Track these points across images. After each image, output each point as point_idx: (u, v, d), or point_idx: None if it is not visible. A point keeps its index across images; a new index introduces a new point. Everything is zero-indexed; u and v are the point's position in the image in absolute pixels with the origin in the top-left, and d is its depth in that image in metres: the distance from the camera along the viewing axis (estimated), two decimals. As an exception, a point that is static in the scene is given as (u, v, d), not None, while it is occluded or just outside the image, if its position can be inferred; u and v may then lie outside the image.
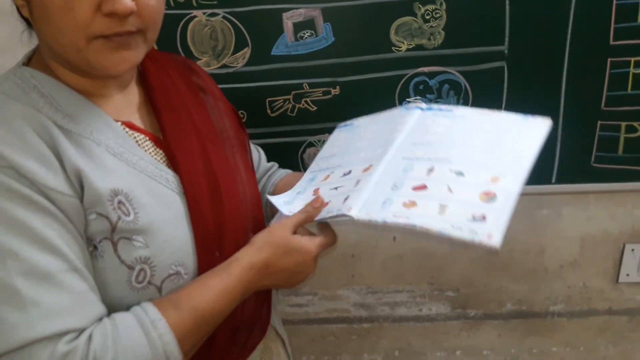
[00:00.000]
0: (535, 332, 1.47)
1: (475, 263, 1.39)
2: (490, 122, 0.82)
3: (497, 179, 0.73)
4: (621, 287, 1.41)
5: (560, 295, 1.42)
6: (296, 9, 1.10)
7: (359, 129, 0.96)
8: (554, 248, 1.37)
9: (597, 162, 1.21)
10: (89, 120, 0.66)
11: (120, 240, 0.63)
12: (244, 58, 1.13)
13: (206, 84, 0.87)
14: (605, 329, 1.45)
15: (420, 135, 0.85)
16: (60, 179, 0.59)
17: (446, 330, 1.47)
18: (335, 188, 0.84)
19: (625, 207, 1.32)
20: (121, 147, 0.67)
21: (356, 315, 1.46)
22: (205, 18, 1.10)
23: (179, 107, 0.78)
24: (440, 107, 0.87)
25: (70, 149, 0.61)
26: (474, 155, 0.78)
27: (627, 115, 1.16)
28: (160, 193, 0.69)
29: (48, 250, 0.57)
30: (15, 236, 0.56)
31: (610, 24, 1.10)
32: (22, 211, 0.56)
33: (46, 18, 0.60)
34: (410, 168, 0.80)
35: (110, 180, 0.63)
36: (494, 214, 0.69)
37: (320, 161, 0.95)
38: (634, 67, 1.13)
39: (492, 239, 0.67)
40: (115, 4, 0.59)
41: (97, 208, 0.62)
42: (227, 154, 0.80)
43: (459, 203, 0.72)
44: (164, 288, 0.67)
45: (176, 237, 0.68)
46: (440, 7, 1.10)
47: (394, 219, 0.74)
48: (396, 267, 1.40)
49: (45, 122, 0.61)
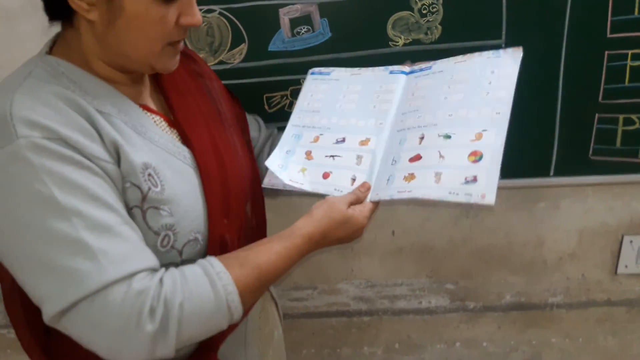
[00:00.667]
0: (534, 324, 1.47)
1: (474, 255, 1.40)
2: (466, 70, 0.86)
3: (481, 135, 0.79)
4: (620, 279, 1.41)
5: (559, 287, 1.43)
6: (292, 5, 1.10)
7: (339, 83, 0.97)
8: (553, 240, 1.37)
9: (595, 155, 1.21)
10: (115, 103, 0.72)
11: (149, 209, 0.71)
12: (240, 54, 1.13)
13: (202, 69, 0.94)
14: (604, 320, 1.46)
15: (407, 103, 0.89)
16: (101, 149, 0.67)
17: (446, 322, 1.48)
18: (332, 157, 0.90)
19: (623, 199, 1.32)
20: (144, 127, 0.75)
21: (356, 308, 1.47)
22: (201, 15, 1.10)
23: (185, 91, 0.86)
24: (421, 67, 0.91)
25: (106, 124, 0.68)
26: (456, 112, 0.83)
27: (624, 108, 1.16)
28: (179, 168, 0.76)
29: (104, 207, 0.64)
30: (76, 196, 0.62)
31: (607, 17, 1.09)
32: (77, 174, 0.63)
33: (132, 27, 0.68)
34: (404, 140, 0.86)
35: (141, 155, 0.71)
36: (484, 173, 0.76)
37: (302, 114, 0.96)
38: (632, 59, 1.12)
39: (486, 198, 0.74)
40: (195, 17, 0.71)
41: (131, 178, 0.69)
42: (226, 133, 0.88)
43: (451, 168, 0.79)
44: (184, 252, 0.75)
45: (194, 207, 0.76)
46: (437, 2, 1.10)
47: (398, 194, 0.82)
48: (395, 260, 1.41)
49: (79, 101, 0.68)
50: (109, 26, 0.68)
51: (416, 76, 0.91)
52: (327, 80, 0.98)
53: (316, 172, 0.91)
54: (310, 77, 1.02)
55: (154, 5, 0.67)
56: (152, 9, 0.67)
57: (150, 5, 0.67)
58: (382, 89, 0.93)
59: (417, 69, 0.92)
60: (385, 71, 0.94)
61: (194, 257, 0.75)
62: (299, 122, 0.96)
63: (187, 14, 0.71)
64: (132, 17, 0.67)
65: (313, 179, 0.91)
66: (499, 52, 0.84)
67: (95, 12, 0.67)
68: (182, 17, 0.70)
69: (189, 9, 0.71)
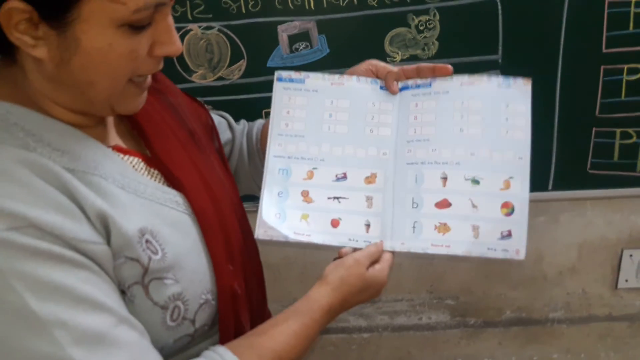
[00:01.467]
0: (535, 340, 1.46)
1: (474, 271, 1.39)
2: (477, 98, 0.80)
3: (509, 184, 0.76)
4: (620, 293, 1.40)
5: (560, 302, 1.42)
6: (291, 22, 1.11)
7: (319, 96, 0.83)
8: (552, 255, 1.37)
9: (593, 169, 1.21)
10: (87, 153, 0.58)
11: (151, 282, 0.58)
12: (239, 70, 1.14)
13: (161, 84, 0.77)
14: (606, 335, 1.45)
15: (411, 129, 0.81)
16: (85, 228, 0.53)
17: (446, 338, 1.47)
18: (336, 199, 0.80)
19: (622, 213, 1.32)
20: (125, 177, 0.61)
21: (355, 324, 1.46)
22: (200, 31, 1.11)
23: (156, 117, 0.71)
24: (417, 83, 0.82)
25: (85, 191, 0.54)
26: (478, 151, 0.78)
27: (621, 122, 1.17)
28: (175, 219, 0.64)
29: (93, 308, 0.51)
30: (57, 302, 0.49)
31: (602, 32, 1.11)
32: (57, 272, 0.50)
33: (92, 66, 0.54)
34: (420, 177, 0.79)
35: (134, 219, 0.58)
36: (516, 227, 0.75)
37: (283, 141, 0.82)
38: (627, 74, 1.13)
39: (520, 253, 0.74)
40: (174, 46, 0.57)
41: (126, 252, 0.56)
42: (204, 157, 0.75)
43: (486, 222, 0.76)
44: (197, 320, 0.63)
45: (199, 264, 0.65)
46: (434, 18, 1.11)
47: (434, 249, 0.76)
48: (395, 275, 1.40)
49: (46, 164, 0.53)
50: (61, 65, 0.53)
51: (413, 94, 0.82)
52: (302, 92, 0.83)
53: (322, 219, 0.79)
54: (279, 84, 0.84)
55: (121, 38, 0.53)
56: (117, 44, 0.53)
57: (115, 39, 0.53)
58: (377, 108, 0.83)
59: (412, 84, 0.82)
60: (374, 84, 0.84)
61: (207, 321, 0.65)
62: (282, 152, 0.81)
63: (163, 43, 0.57)
64: (91, 54, 0.53)
65: (320, 227, 0.79)
66: (509, 80, 0.79)
67: (43, 48, 0.52)
68: (156, 47, 0.57)
69: (165, 35, 0.56)
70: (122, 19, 0.51)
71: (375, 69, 0.84)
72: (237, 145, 0.92)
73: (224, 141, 0.91)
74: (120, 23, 0.52)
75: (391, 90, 0.82)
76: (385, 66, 0.84)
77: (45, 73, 0.55)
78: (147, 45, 0.56)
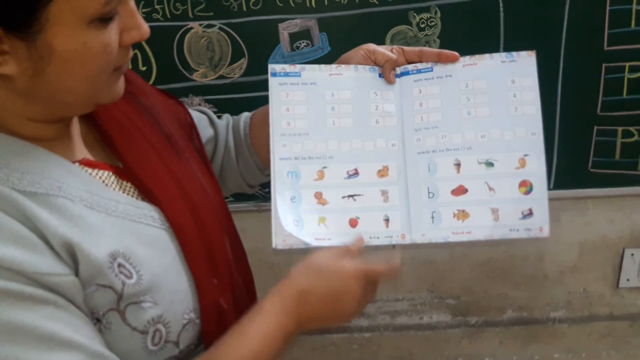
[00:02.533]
0: (536, 339, 1.46)
1: (475, 270, 1.39)
2: (481, 77, 0.78)
3: (524, 162, 0.76)
4: (622, 292, 1.40)
5: (561, 301, 1.42)
6: (292, 20, 1.10)
7: (318, 89, 0.80)
8: (554, 254, 1.36)
9: (594, 167, 1.21)
10: (50, 171, 0.53)
11: (127, 307, 0.55)
12: (240, 69, 1.14)
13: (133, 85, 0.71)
14: (607, 334, 1.45)
15: (417, 116, 0.79)
16: (49, 260, 0.49)
17: (447, 338, 1.47)
18: (351, 197, 0.78)
19: (624, 212, 1.32)
20: (94, 195, 0.56)
21: (356, 324, 1.45)
22: (201, 30, 1.11)
23: (125, 123, 0.66)
24: (418, 68, 0.80)
25: (48, 217, 0.50)
26: (489, 132, 0.77)
27: (623, 120, 1.17)
28: (151, 237, 0.59)
29: (59, 347, 0.48)
30: (19, 344, 0.46)
31: (604, 30, 1.11)
32: (15, 311, 0.46)
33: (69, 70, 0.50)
34: (433, 166, 0.78)
35: (103, 242, 0.53)
36: (537, 205, 0.75)
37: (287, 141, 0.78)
38: (629, 72, 1.13)
39: (544, 231, 0.74)
40: (142, 29, 0.54)
41: (98, 279, 0.52)
42: (183, 162, 0.70)
43: (505, 203, 0.75)
44: (181, 342, 0.60)
45: (180, 282, 0.60)
46: (435, 16, 1.11)
47: (455, 237, 0.76)
48: (396, 275, 1.39)
49: (2, 191, 0.49)
50: (35, 77, 0.49)
51: (415, 80, 0.80)
52: (300, 86, 0.80)
53: (340, 220, 0.77)
54: (274, 80, 0.80)
55: (93, 35, 0.49)
56: (91, 41, 0.49)
57: (89, 37, 0.49)
58: (378, 98, 0.80)
59: (413, 69, 0.80)
60: (373, 72, 0.81)
61: (193, 341, 0.62)
62: (288, 154, 0.78)
63: (131, 28, 0.54)
64: (68, 58, 0.49)
65: (339, 229, 0.76)
66: (512, 55, 0.78)
67: (12, 63, 0.48)
68: (125, 34, 0.53)
69: (131, 20, 0.54)
70: (93, 14, 0.48)
71: (374, 56, 0.80)
72: (221, 141, 0.87)
73: (206, 139, 0.86)
74: (91, 19, 0.48)
75: (388, 80, 0.80)
76: (384, 53, 0.80)
77: (16, 89, 0.51)
78: (117, 35, 0.52)
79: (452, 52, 0.78)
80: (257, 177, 0.90)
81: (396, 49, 0.81)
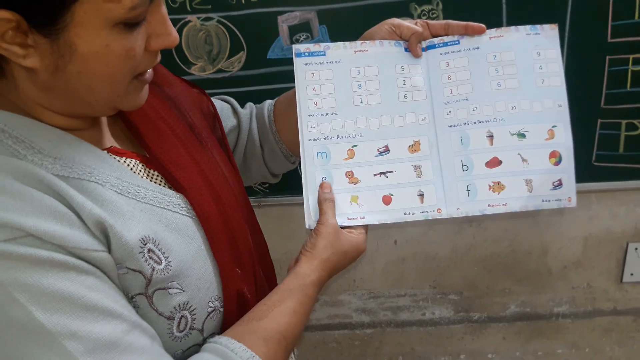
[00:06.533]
0: (539, 334, 1.45)
1: (478, 265, 1.38)
2: (508, 49, 0.79)
3: (553, 133, 0.78)
4: (625, 287, 1.39)
5: (565, 297, 1.41)
6: (291, 12, 1.09)
7: (344, 67, 0.80)
8: (557, 249, 1.35)
9: (598, 161, 1.20)
10: (82, 158, 0.55)
11: (155, 292, 0.56)
12: (239, 62, 1.13)
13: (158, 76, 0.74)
14: (611, 329, 1.44)
15: (447, 89, 0.79)
16: (85, 236, 0.51)
17: (450, 334, 1.46)
18: (383, 174, 0.78)
19: (628, 206, 1.31)
20: (123, 181, 0.58)
21: (358, 320, 1.44)
22: (199, 23, 1.09)
23: (152, 114, 0.68)
24: (444, 41, 0.80)
25: (82, 199, 0.52)
26: (519, 104, 0.78)
27: (627, 113, 1.15)
28: (178, 224, 0.61)
29: (104, 316, 0.50)
30: (65, 312, 0.47)
31: (607, 22, 1.09)
32: (61, 281, 0.48)
33: (89, 71, 0.51)
34: (466, 139, 0.78)
35: (134, 227, 0.55)
36: (566, 175, 0.77)
37: (315, 121, 0.79)
38: (633, 64, 1.12)
39: (572, 201, 0.77)
40: (171, 37, 0.55)
41: (128, 263, 0.54)
42: (206, 152, 0.72)
43: (538, 174, 0.77)
44: (205, 329, 0.62)
45: (206, 270, 0.62)
46: (437, 8, 1.09)
47: (491, 209, 0.77)
48: (398, 271, 1.39)
49: (38, 172, 0.51)
50: (56, 73, 0.51)
51: (442, 53, 0.79)
52: (325, 65, 0.80)
53: (372, 198, 0.77)
54: (299, 60, 0.80)
55: (116, 38, 0.50)
56: (114, 44, 0.50)
57: (112, 39, 0.50)
58: (406, 72, 0.79)
59: (439, 42, 0.79)
60: (399, 47, 0.80)
61: (216, 329, 0.64)
62: (316, 134, 0.78)
63: (159, 35, 0.54)
64: (89, 58, 0.50)
65: (372, 207, 0.77)
66: (536, 27, 0.79)
67: (35, 57, 0.49)
68: (153, 40, 0.54)
69: (161, 27, 0.54)
70: (118, 17, 0.49)
71: (399, 30, 0.80)
72: (244, 130, 0.88)
73: (229, 128, 0.87)
74: (115, 22, 0.49)
75: (414, 54, 0.80)
76: (409, 26, 0.80)
77: (39, 83, 0.52)
78: (143, 40, 0.53)
79: (478, 25, 0.79)
80: (282, 165, 0.91)
81: (421, 23, 0.81)
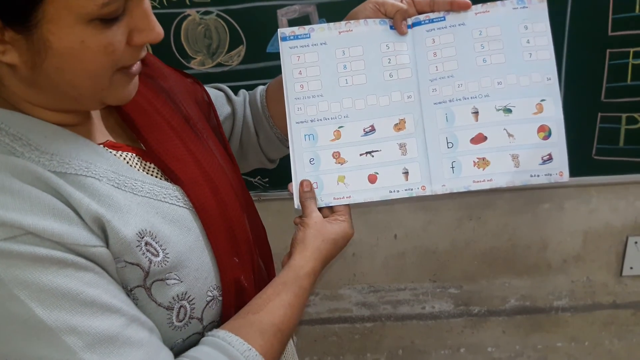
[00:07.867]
0: (539, 328, 1.45)
1: (478, 259, 1.38)
2: (494, 24, 0.79)
3: (542, 107, 0.77)
4: (625, 281, 1.39)
5: (564, 290, 1.41)
6: (291, 5, 1.09)
7: (329, 49, 0.80)
8: (557, 242, 1.36)
9: (598, 155, 1.19)
10: (77, 153, 0.56)
11: (153, 284, 0.57)
12: (239, 56, 1.12)
13: (151, 68, 0.74)
14: (610, 323, 1.44)
15: (432, 66, 0.79)
16: (83, 232, 0.52)
17: (450, 327, 1.46)
18: (369, 154, 0.79)
19: (628, 200, 1.31)
20: (120, 175, 0.58)
21: (358, 314, 1.45)
22: (198, 17, 1.09)
23: (147, 107, 0.68)
24: (430, 17, 0.80)
25: (79, 195, 0.52)
26: (505, 79, 0.78)
27: (627, 107, 1.15)
28: (175, 216, 0.62)
29: (102, 311, 0.51)
30: (65, 308, 0.48)
31: (608, 15, 1.09)
32: (61, 277, 0.49)
33: (66, 66, 0.51)
34: (451, 115, 0.78)
35: (132, 221, 0.56)
36: (556, 149, 0.77)
37: (301, 104, 0.80)
38: (633, 57, 1.11)
39: (564, 175, 0.77)
40: (153, 32, 0.54)
41: (126, 257, 0.55)
42: (202, 143, 0.72)
43: (526, 148, 0.76)
44: (204, 318, 0.63)
45: (203, 260, 0.63)
46: (437, 1, 1.09)
47: (476, 185, 0.77)
48: (398, 264, 1.39)
49: (36, 170, 0.51)
50: (35, 69, 0.51)
51: (427, 29, 0.79)
52: (310, 47, 0.80)
53: (359, 178, 0.79)
54: (284, 44, 0.80)
55: (93, 34, 0.49)
56: (90, 40, 0.49)
57: (87, 35, 0.49)
58: (391, 50, 0.79)
59: (425, 19, 0.79)
60: (384, 25, 0.79)
61: (215, 318, 0.65)
62: (303, 117, 0.79)
63: (142, 30, 0.53)
64: (64, 54, 0.49)
65: (358, 186, 0.79)
66: (523, 1, 0.78)
67: (13, 53, 0.49)
68: (135, 35, 0.53)
69: (143, 22, 0.53)
70: (91, 14, 0.48)
71: (383, 8, 0.80)
72: (239, 117, 0.89)
73: (224, 116, 0.87)
74: (90, 18, 0.48)
75: (400, 31, 0.79)
76: (394, 4, 0.79)
77: (22, 78, 0.52)
78: (124, 35, 0.52)
79: (464, 0, 0.78)
80: (278, 150, 0.91)
81: (406, 0, 0.80)
